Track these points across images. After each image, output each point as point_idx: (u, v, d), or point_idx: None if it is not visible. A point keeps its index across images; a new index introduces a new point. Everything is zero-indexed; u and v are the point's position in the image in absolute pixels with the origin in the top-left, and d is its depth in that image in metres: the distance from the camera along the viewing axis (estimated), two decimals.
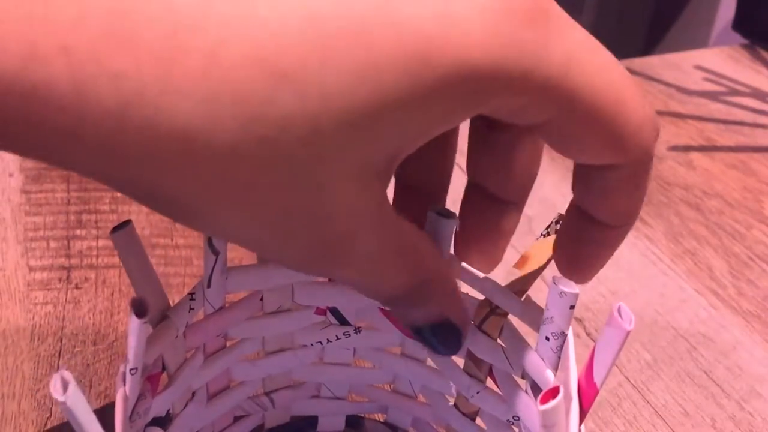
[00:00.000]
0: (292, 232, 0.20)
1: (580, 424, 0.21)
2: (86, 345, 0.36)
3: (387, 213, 0.21)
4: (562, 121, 0.20)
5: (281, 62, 0.17)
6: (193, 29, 0.16)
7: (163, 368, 0.25)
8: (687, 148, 0.56)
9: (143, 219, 0.43)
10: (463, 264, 0.26)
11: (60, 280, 0.39)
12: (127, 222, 0.23)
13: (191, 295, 0.25)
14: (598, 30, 1.50)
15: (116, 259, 0.41)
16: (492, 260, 0.26)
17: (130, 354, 0.21)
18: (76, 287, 0.39)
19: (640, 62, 0.67)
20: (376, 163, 0.20)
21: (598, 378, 0.21)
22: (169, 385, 0.25)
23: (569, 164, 0.54)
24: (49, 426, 0.32)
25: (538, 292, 0.25)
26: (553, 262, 0.25)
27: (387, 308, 0.26)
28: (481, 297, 0.27)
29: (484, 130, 0.24)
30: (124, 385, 0.21)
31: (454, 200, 0.25)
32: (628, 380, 0.37)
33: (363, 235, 0.21)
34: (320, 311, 0.29)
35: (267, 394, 0.30)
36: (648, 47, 1.53)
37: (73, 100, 0.16)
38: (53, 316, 0.37)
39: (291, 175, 0.18)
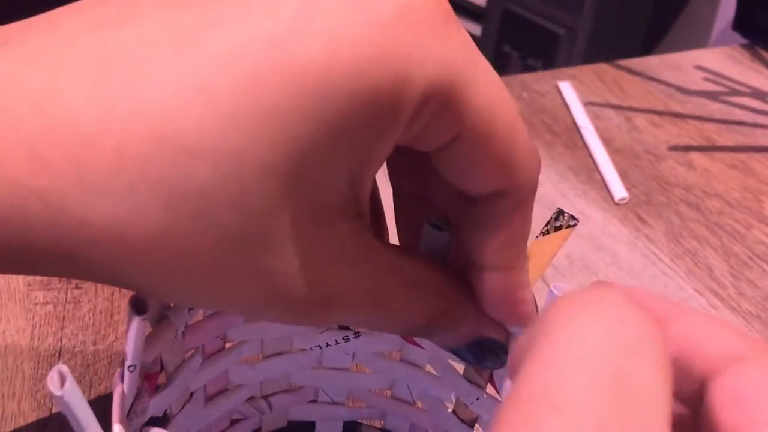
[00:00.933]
0: (269, 295, 0.20)
1: None
2: (86, 345, 0.36)
3: (368, 248, 0.21)
4: (465, 139, 0.20)
5: (183, 137, 0.17)
6: (97, 135, 0.17)
7: (161, 368, 0.25)
8: (687, 148, 0.56)
9: None
10: None
11: (60, 280, 0.39)
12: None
13: None
14: (598, 30, 1.51)
15: None
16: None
17: (129, 351, 0.21)
18: (76, 287, 0.39)
19: (640, 62, 0.67)
20: (326, 203, 0.19)
21: None
22: (168, 385, 0.25)
23: (570, 164, 0.55)
24: (49, 426, 0.32)
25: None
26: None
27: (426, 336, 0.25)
28: None
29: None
30: (122, 382, 0.21)
31: None
32: None
33: (346, 278, 0.21)
34: None
35: (264, 397, 0.30)
36: (648, 47, 1.53)
37: (16, 219, 0.18)
38: (53, 316, 0.37)
39: (233, 241, 0.18)
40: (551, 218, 0.25)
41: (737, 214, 0.50)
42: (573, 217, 0.25)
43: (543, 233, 0.25)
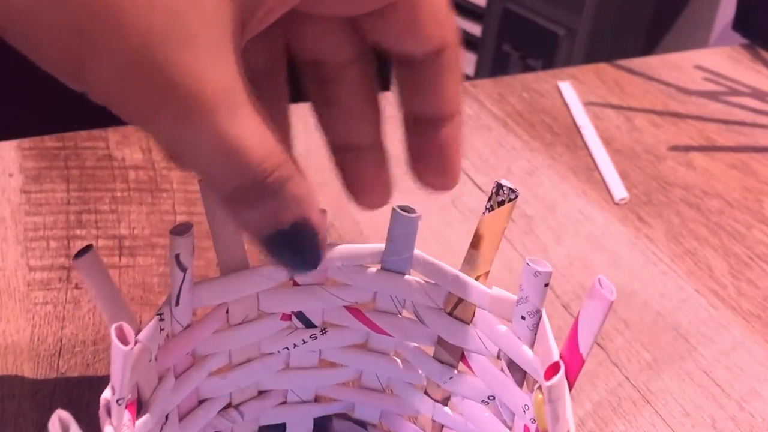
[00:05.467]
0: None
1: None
2: (86, 345, 0.36)
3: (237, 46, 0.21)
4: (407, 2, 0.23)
5: None
6: None
7: (138, 394, 0.24)
8: (687, 148, 0.56)
9: (143, 219, 0.43)
10: (430, 258, 0.26)
11: (60, 280, 0.39)
12: (89, 247, 0.22)
13: (160, 316, 0.24)
14: (598, 30, 1.51)
15: (116, 259, 0.41)
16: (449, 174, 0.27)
17: (117, 384, 0.20)
18: (76, 287, 0.39)
19: (640, 62, 0.67)
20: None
21: (583, 349, 0.22)
22: (146, 412, 0.24)
23: (570, 164, 0.54)
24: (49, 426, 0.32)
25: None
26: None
27: (235, 208, 0.22)
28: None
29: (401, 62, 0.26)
30: (109, 416, 0.20)
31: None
32: (628, 380, 0.37)
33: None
34: (285, 317, 0.28)
35: (236, 407, 0.29)
36: (648, 47, 1.53)
37: None
38: (53, 316, 0.37)
39: None
40: (492, 194, 0.25)
41: (737, 214, 0.50)
42: (512, 190, 0.25)
43: (488, 209, 0.25)
